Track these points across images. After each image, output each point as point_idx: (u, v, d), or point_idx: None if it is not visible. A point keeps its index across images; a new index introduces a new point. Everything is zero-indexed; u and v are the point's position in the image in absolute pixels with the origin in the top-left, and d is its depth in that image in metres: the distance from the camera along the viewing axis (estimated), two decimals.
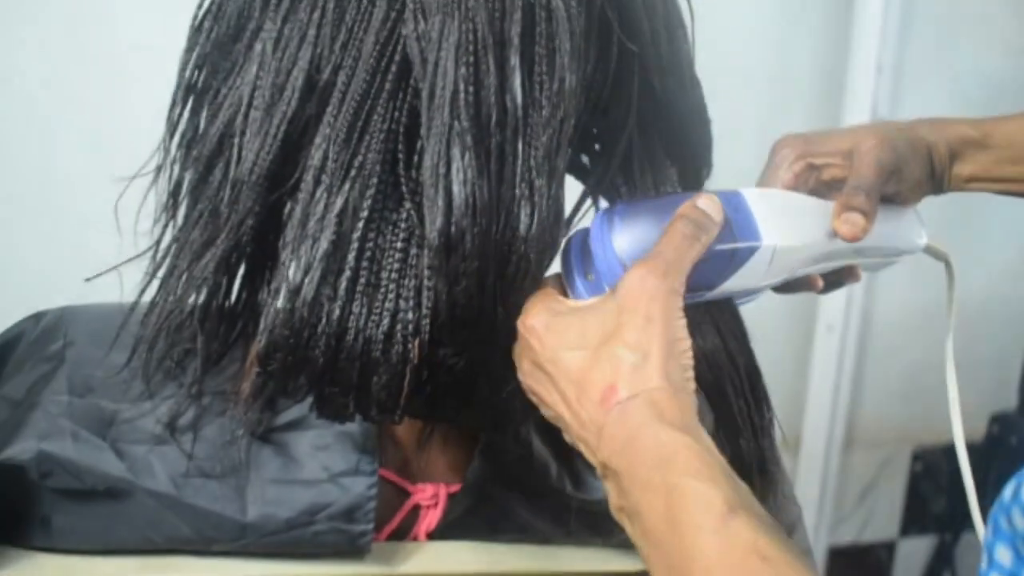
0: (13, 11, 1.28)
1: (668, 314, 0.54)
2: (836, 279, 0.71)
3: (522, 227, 0.56)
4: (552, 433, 0.67)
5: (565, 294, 0.60)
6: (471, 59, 0.55)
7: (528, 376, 0.58)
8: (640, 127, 0.63)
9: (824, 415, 1.79)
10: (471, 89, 0.55)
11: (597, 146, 0.64)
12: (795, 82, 1.66)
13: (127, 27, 1.32)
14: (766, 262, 0.60)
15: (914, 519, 1.96)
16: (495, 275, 0.56)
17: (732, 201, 0.60)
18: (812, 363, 1.78)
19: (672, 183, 0.65)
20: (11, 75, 1.30)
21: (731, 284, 0.60)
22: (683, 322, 0.55)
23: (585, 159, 0.66)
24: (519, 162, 0.56)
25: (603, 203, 0.66)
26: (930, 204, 0.73)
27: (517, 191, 0.56)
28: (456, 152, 0.54)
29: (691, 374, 0.55)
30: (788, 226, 0.61)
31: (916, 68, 1.67)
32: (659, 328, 0.54)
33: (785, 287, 0.67)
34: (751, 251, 0.59)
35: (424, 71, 0.55)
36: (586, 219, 0.66)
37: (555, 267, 0.61)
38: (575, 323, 0.56)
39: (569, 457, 0.69)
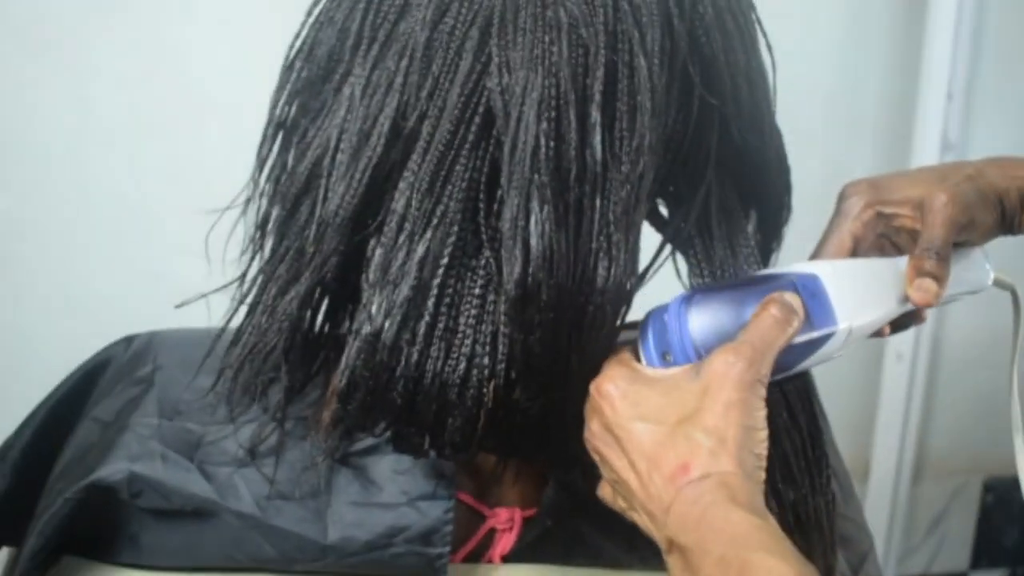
0: (91, 45, 1.32)
1: (750, 403, 0.56)
2: (902, 322, 0.71)
3: (599, 280, 0.57)
4: None
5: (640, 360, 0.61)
6: (553, 114, 0.56)
7: (596, 438, 0.59)
8: (718, 177, 0.64)
9: (893, 444, 1.77)
10: (552, 144, 0.56)
11: (674, 194, 0.65)
12: (864, 111, 1.65)
13: (206, 58, 1.35)
14: (841, 341, 0.61)
15: (985, 551, 1.93)
16: (570, 325, 0.58)
17: (809, 287, 0.61)
18: (881, 392, 1.76)
19: (745, 233, 0.65)
20: (92, 107, 1.33)
21: (806, 364, 0.62)
22: (763, 413, 0.57)
23: (663, 208, 0.66)
24: (597, 216, 0.57)
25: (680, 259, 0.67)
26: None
27: (594, 244, 0.57)
28: (535, 205, 0.56)
29: (763, 463, 0.56)
30: (863, 303, 0.62)
31: (987, 94, 1.66)
32: (738, 415, 0.55)
33: None
34: (828, 336, 0.61)
35: (507, 124, 0.57)
36: (661, 272, 0.67)
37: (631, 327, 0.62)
38: (653, 396, 0.57)
39: None
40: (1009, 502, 1.89)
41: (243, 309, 0.65)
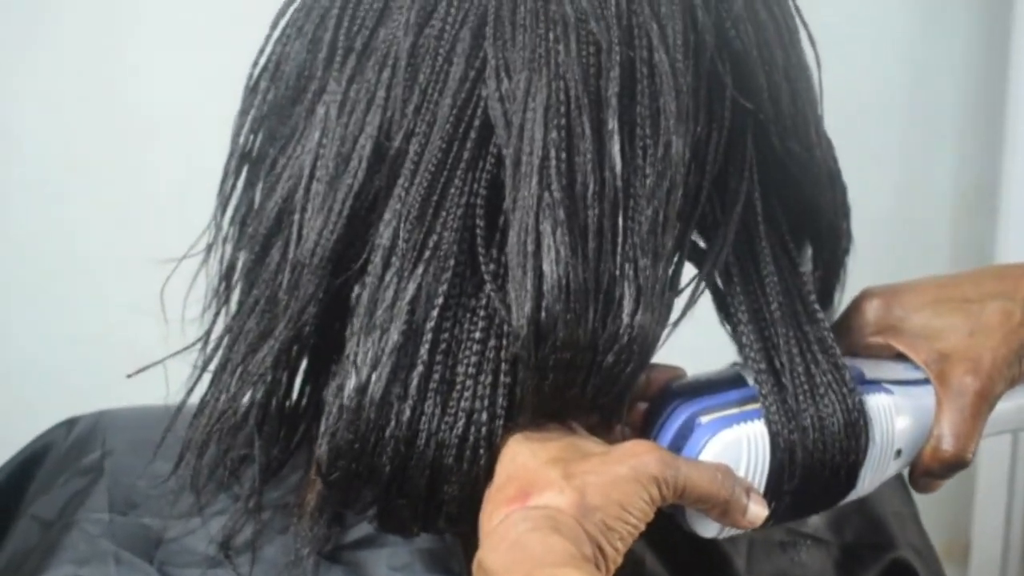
0: (12, 66, 1.33)
1: (632, 490, 0.57)
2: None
3: (626, 314, 0.58)
4: (668, 549, 0.69)
5: None
6: (563, 121, 0.57)
7: None
8: (760, 198, 0.64)
9: (997, 516, 1.76)
10: (563, 156, 0.57)
11: (710, 222, 0.65)
12: (943, 115, 1.65)
13: (152, 81, 1.36)
14: None
15: None
16: (587, 369, 0.58)
17: None
18: (979, 456, 1.75)
19: (797, 267, 0.65)
20: (16, 145, 1.35)
21: None
22: (641, 508, 0.58)
23: (701, 242, 0.66)
24: (619, 239, 0.58)
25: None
26: None
27: (618, 272, 0.58)
28: (547, 227, 0.57)
29: (615, 548, 0.57)
30: None
31: None
32: (613, 488, 0.57)
33: None
34: None
35: (508, 135, 0.58)
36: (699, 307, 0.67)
37: None
38: (555, 441, 0.60)
39: (688, 573, 0.71)
40: None
41: (207, 376, 0.65)
